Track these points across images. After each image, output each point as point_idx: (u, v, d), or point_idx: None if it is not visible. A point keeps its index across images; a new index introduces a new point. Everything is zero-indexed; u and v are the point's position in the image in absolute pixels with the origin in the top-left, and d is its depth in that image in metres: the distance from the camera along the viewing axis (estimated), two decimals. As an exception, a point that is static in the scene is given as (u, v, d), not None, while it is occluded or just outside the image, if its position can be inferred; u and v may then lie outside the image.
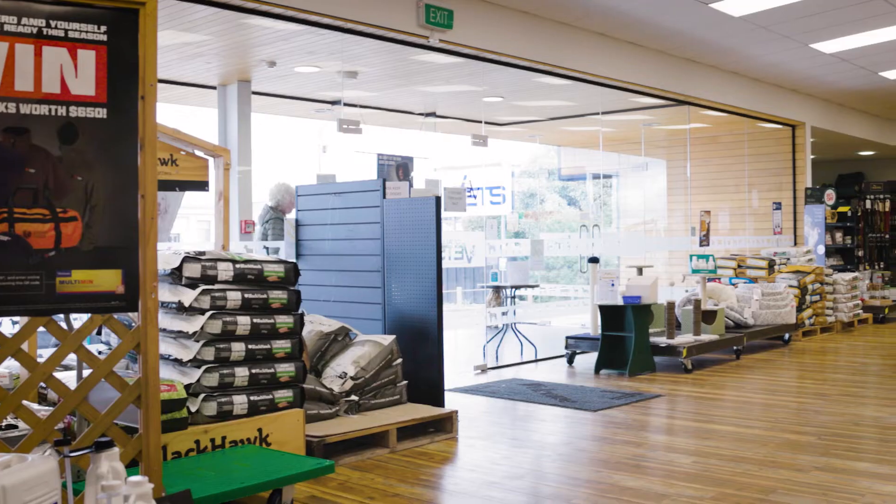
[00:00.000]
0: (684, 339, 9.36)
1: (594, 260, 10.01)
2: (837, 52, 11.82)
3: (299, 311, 5.39)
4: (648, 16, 9.70)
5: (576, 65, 10.00)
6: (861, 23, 10.40)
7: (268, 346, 5.15)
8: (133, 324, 4.35)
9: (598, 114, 12.59)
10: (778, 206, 14.22)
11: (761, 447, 5.84)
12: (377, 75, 10.42)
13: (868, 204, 18.72)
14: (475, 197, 14.71)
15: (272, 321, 5.18)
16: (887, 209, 19.35)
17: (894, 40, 11.19)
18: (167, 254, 5.17)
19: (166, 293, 5.10)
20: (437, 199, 6.51)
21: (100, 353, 5.52)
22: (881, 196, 19.27)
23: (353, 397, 6.05)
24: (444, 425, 6.29)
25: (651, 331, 9.53)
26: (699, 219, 11.64)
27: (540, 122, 14.28)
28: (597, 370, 9.10)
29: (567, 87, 11.08)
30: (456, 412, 6.35)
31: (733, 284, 11.54)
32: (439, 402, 6.56)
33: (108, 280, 3.46)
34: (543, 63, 9.62)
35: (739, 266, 11.89)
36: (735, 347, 9.99)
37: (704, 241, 11.50)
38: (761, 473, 5.19)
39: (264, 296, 5.18)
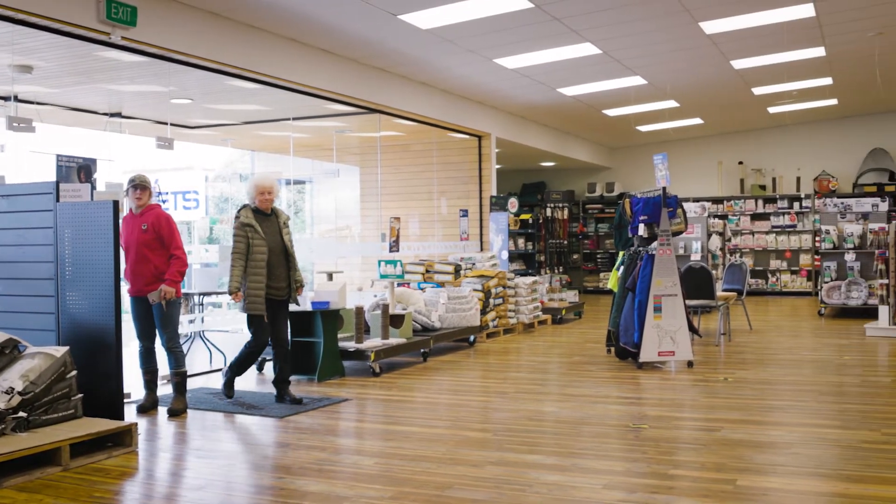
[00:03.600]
0: (373, 343, 9.53)
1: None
2: (519, 68, 12.50)
3: (-44, 323, 4.97)
4: (339, 24, 9.80)
5: (267, 69, 9.92)
6: (539, 41, 11.07)
7: (-82, 362, 4.70)
8: None
9: (289, 119, 12.57)
10: (465, 213, 14.82)
11: (442, 445, 6.05)
12: (56, 71, 9.83)
13: (549, 212, 19.98)
14: (166, 202, 14.23)
15: (-77, 334, 4.74)
16: (566, 217, 20.75)
17: (569, 59, 12.00)
18: None
19: None
20: (115, 202, 6.23)
21: None
22: (560, 204, 20.63)
23: (22, 414, 5.66)
24: (123, 439, 6.01)
25: (341, 336, 9.65)
26: (389, 225, 11.89)
27: (233, 125, 14.05)
28: (287, 376, 9.07)
29: (259, 92, 10.96)
30: (135, 425, 6.09)
31: (421, 289, 11.89)
32: (119, 415, 6.28)
33: None
34: (234, 66, 9.47)
35: (427, 271, 12.26)
36: (422, 350, 10.29)
37: (394, 246, 11.77)
38: (440, 471, 5.37)
39: (-86, 306, 4.73)
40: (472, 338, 11.68)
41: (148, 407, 7.43)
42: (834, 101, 17.51)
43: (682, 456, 5.73)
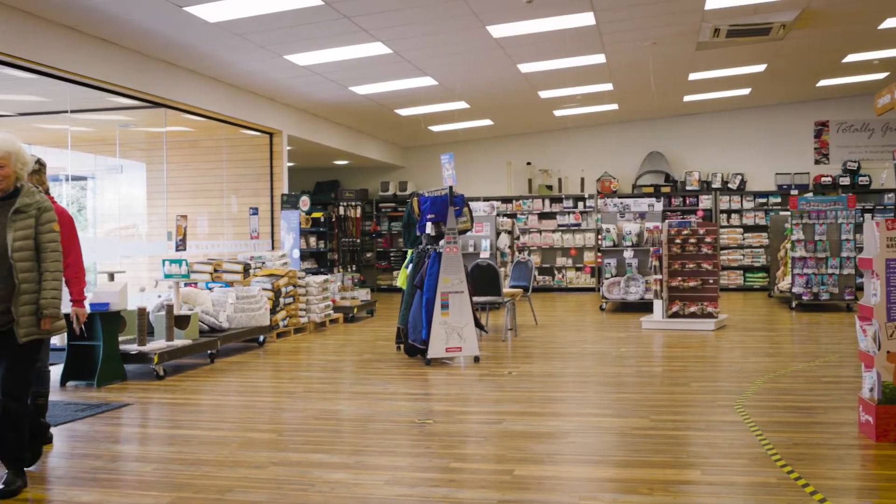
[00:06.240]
0: (156, 345, 9.22)
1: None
2: (310, 65, 12.39)
3: None
4: (121, 13, 9.42)
5: (42, 58, 9.42)
6: (330, 39, 11.01)
7: None
8: None
9: (67, 112, 11.98)
10: (255, 211, 14.58)
11: (224, 448, 5.92)
12: None
13: (342, 210, 19.95)
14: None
15: None
16: (358, 215, 20.77)
17: (360, 58, 12.00)
18: None
19: None
20: None
21: None
22: (353, 203, 20.63)
23: None
24: None
25: (124, 338, 9.29)
26: (176, 223, 11.55)
27: (6, 117, 13.28)
28: (63, 382, 8.63)
29: (34, 81, 10.39)
30: None
31: (209, 289, 11.61)
32: None
33: None
34: (4, 53, 8.94)
35: (216, 270, 11.99)
36: (210, 351, 10.04)
37: (181, 245, 11.44)
38: (220, 474, 5.25)
39: None
40: (261, 338, 11.50)
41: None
42: (615, 106, 18.34)
43: (465, 449, 5.84)
